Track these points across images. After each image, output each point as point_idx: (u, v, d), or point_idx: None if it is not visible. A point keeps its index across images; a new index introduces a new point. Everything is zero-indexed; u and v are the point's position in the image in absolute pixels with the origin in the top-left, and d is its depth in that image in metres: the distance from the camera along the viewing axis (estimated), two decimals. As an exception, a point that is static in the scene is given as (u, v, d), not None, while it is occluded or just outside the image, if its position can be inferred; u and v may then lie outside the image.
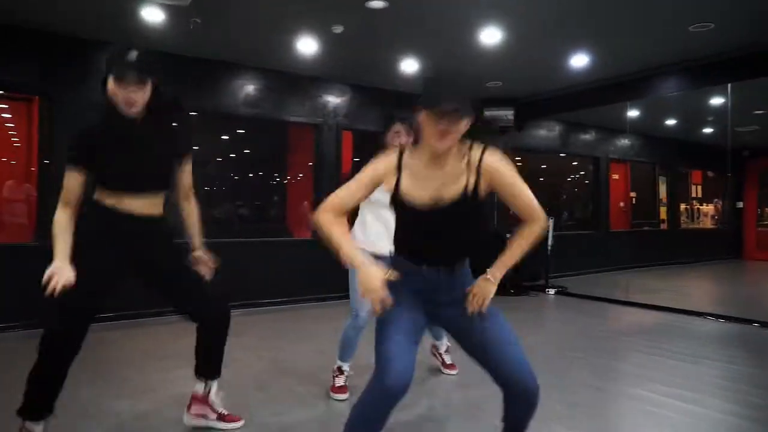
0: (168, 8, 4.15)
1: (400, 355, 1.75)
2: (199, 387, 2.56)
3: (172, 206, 2.52)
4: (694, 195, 12.04)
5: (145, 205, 2.29)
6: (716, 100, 7.12)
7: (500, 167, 1.85)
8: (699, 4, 4.18)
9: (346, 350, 3.09)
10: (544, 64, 5.79)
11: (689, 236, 11.03)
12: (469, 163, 1.84)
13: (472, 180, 1.83)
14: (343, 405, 2.93)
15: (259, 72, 5.81)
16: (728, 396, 3.15)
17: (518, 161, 8.19)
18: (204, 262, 2.49)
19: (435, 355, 3.59)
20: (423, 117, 1.78)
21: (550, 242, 7.13)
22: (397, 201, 1.90)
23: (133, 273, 2.34)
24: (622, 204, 11.34)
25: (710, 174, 11.91)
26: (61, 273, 2.03)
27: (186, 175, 2.46)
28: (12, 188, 5.17)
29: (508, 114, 7.21)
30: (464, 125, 1.79)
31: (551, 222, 7.15)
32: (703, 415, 2.83)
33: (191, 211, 2.52)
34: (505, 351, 1.84)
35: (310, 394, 3.12)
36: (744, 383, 3.37)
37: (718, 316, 5.50)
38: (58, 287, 1.99)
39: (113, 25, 4.58)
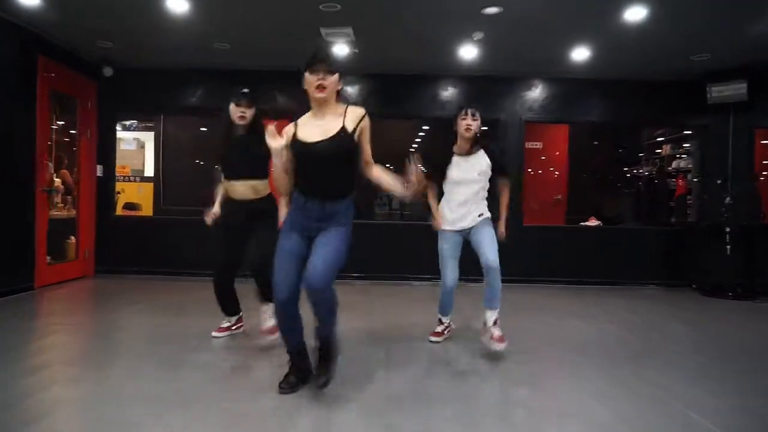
0: (344, 42, 5.41)
1: (281, 281, 2.56)
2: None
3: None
4: None
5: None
6: None
7: (367, 120, 2.59)
8: None
9: (443, 308, 3.88)
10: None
11: None
12: (345, 113, 2.55)
13: (348, 125, 2.53)
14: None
15: (448, 78, 6.68)
16: None
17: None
18: None
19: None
20: (305, 78, 2.52)
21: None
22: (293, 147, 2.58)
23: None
24: None
25: None
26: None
27: None
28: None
29: (739, 88, 6.11)
30: (335, 79, 2.51)
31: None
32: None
33: None
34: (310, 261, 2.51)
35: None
36: None
37: None
38: None
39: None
